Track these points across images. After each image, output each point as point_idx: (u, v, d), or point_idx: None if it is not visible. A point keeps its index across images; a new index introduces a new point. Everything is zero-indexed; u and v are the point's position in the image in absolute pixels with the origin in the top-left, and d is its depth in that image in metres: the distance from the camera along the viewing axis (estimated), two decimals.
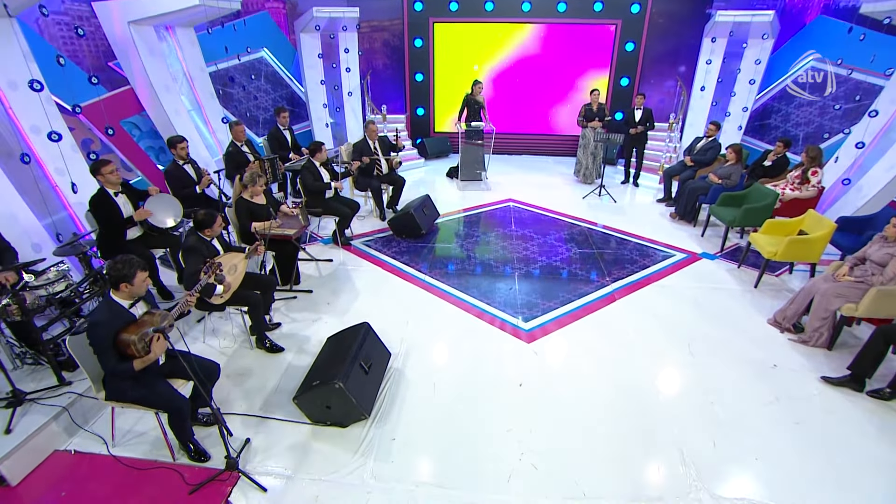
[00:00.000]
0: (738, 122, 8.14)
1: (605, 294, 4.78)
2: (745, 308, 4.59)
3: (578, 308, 4.54)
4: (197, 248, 3.61)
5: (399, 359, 3.88)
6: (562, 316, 4.41)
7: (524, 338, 4.11)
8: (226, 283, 3.57)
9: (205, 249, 3.65)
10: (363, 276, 5.19)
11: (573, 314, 4.45)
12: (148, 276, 2.70)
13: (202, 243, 3.66)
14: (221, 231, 3.92)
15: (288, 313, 4.56)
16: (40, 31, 5.43)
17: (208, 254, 3.65)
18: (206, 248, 3.68)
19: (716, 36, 8.01)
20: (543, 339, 4.10)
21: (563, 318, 4.39)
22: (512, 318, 4.36)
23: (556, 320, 4.35)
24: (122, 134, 6.27)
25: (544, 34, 9.37)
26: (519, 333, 4.17)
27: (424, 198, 6.37)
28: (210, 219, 3.64)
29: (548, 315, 4.42)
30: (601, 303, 4.64)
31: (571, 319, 4.38)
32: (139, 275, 2.62)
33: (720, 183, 6.18)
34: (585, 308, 4.55)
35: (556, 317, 4.39)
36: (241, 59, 7.73)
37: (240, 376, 3.77)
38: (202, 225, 3.64)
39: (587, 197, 7.57)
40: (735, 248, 5.90)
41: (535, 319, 4.35)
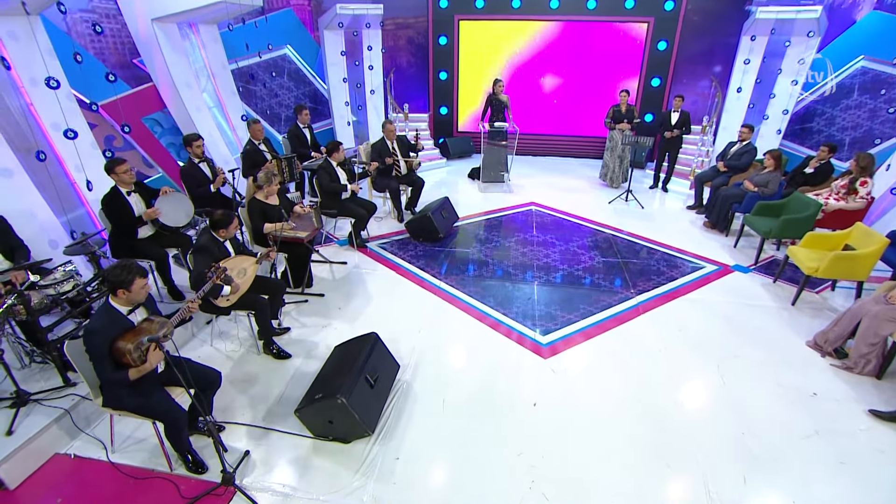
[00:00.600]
0: (778, 125, 7.69)
1: (630, 307, 4.52)
2: (782, 327, 4.27)
3: (600, 322, 4.30)
4: (207, 247, 3.53)
5: (408, 370, 3.72)
6: (582, 330, 4.18)
7: (541, 353, 3.90)
8: (234, 284, 3.48)
9: (216, 250, 3.57)
10: (377, 280, 5.05)
11: (594, 328, 4.21)
12: (147, 283, 2.60)
13: (214, 244, 3.59)
14: (235, 233, 3.85)
15: (298, 317, 4.46)
16: (67, 30, 5.48)
17: (219, 255, 3.57)
18: (217, 248, 3.60)
19: (756, 34, 7.58)
20: (561, 354, 3.88)
21: (583, 332, 4.16)
22: (529, 331, 4.14)
23: (576, 335, 4.11)
24: (142, 131, 6.29)
25: (573, 32, 9.06)
26: (536, 348, 3.95)
27: (443, 200, 6.20)
28: (227, 219, 3.57)
29: (567, 328, 4.19)
30: (624, 316, 4.38)
31: (592, 334, 4.14)
32: (137, 281, 2.52)
33: (756, 191, 5.81)
34: (607, 322, 4.30)
35: (575, 331, 4.16)
36: (263, 57, 7.69)
37: (244, 383, 3.67)
38: (217, 224, 3.56)
39: (613, 202, 7.27)
40: (771, 260, 5.54)
41: (554, 333, 4.13)
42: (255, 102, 8.30)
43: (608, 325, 4.25)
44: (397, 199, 6.41)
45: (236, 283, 3.54)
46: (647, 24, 8.62)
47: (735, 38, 8.07)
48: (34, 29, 4.38)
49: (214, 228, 3.57)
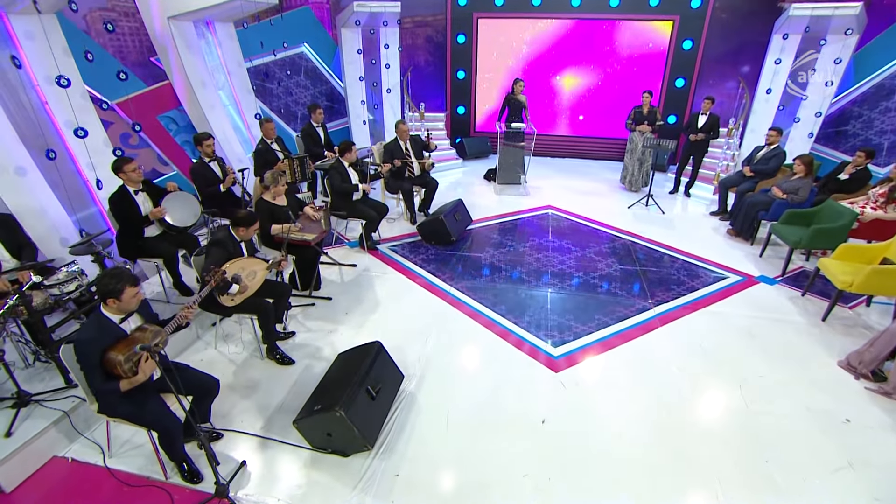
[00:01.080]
0: (809, 128, 7.33)
1: (647, 319, 4.31)
2: (811, 345, 4.01)
3: (615, 334, 4.11)
4: (223, 242, 3.49)
5: (413, 381, 3.59)
6: (595, 342, 4.00)
7: (552, 365, 3.73)
8: (242, 284, 3.42)
9: (231, 247, 3.52)
10: (386, 284, 4.94)
11: (608, 341, 4.03)
12: (140, 292, 2.53)
13: (230, 240, 3.55)
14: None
15: (304, 321, 4.38)
16: (86, 28, 5.52)
17: (233, 252, 3.52)
18: (232, 245, 3.56)
19: (788, 32, 7.23)
20: (573, 368, 3.71)
21: (596, 344, 3.97)
22: (540, 342, 3.98)
23: (589, 347, 3.94)
24: (157, 128, 6.30)
25: (595, 31, 8.81)
26: (547, 360, 3.79)
27: (457, 202, 6.06)
28: (250, 219, 3.56)
29: (580, 340, 4.01)
30: (641, 329, 4.18)
31: (606, 347, 3.95)
32: (128, 290, 2.44)
33: (785, 198, 5.52)
34: (623, 334, 4.11)
35: (588, 343, 3.98)
36: (277, 55, 7.65)
37: (246, 389, 3.60)
38: (239, 222, 3.53)
39: (633, 207, 7.03)
40: (799, 271, 5.25)
41: (566, 345, 3.95)
42: (271, 100, 8.29)
43: (624, 338, 4.06)
44: (410, 201, 6.29)
45: (245, 283, 3.47)
46: (672, 23, 8.32)
47: (765, 37, 7.72)
48: (49, 28, 4.39)
49: (234, 226, 3.53)
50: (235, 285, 3.34)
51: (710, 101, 6.94)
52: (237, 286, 3.36)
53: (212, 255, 3.43)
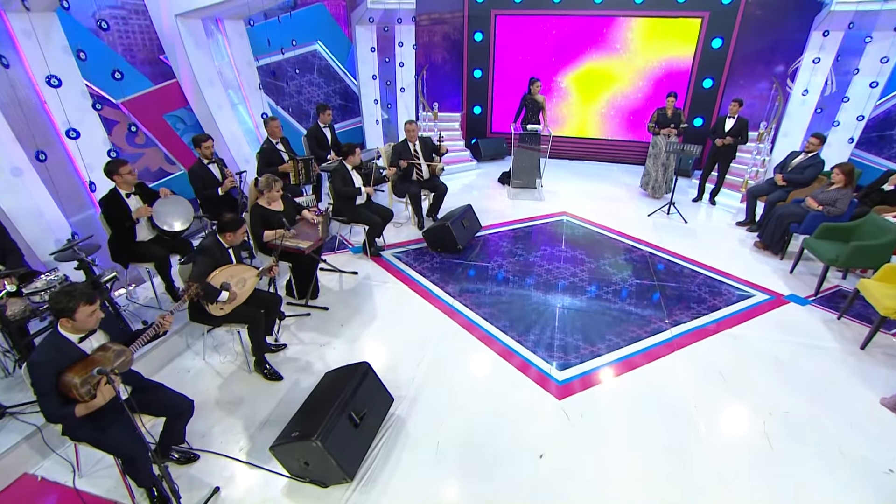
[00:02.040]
0: (850, 132, 6.80)
1: (662, 341, 3.98)
2: (848, 377, 3.62)
3: (626, 358, 3.79)
4: (210, 250, 3.33)
5: (404, 404, 3.36)
6: (604, 366, 3.69)
7: (555, 391, 3.44)
8: (231, 293, 3.26)
9: (218, 254, 3.36)
10: (386, 294, 4.72)
11: (619, 365, 3.71)
12: (96, 310, 2.35)
13: (217, 248, 3.39)
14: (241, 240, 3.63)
15: (297, 332, 4.19)
16: (96, 27, 5.47)
17: (221, 260, 3.36)
18: (220, 253, 3.40)
19: (829, 29, 6.72)
20: (578, 396, 3.42)
21: (605, 368, 3.67)
22: (545, 365, 3.69)
23: (597, 371, 3.63)
24: (164, 127, 6.22)
25: (618, 29, 8.40)
26: (550, 385, 3.51)
27: (466, 208, 5.80)
28: (235, 223, 3.39)
29: (588, 364, 3.71)
30: (656, 352, 3.85)
31: (615, 372, 3.64)
32: (82, 309, 2.27)
33: (821, 210, 5.08)
34: (635, 358, 3.79)
35: (597, 367, 3.68)
36: (286, 53, 7.49)
37: (230, 405, 3.43)
38: (225, 227, 3.37)
39: (653, 215, 6.64)
40: (835, 290, 4.82)
41: (572, 368, 3.66)
42: (284, 99, 8.16)
43: (635, 363, 3.74)
44: (418, 206, 6.06)
45: (234, 291, 3.31)
46: (701, 20, 7.86)
47: (803, 34, 7.20)
48: (47, 26, 4.30)
49: (220, 231, 3.37)
50: (225, 293, 3.18)
51: (738, 103, 6.49)
52: (227, 294, 3.19)
53: (198, 263, 3.27)
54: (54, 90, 4.26)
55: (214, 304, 3.24)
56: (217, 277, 3.22)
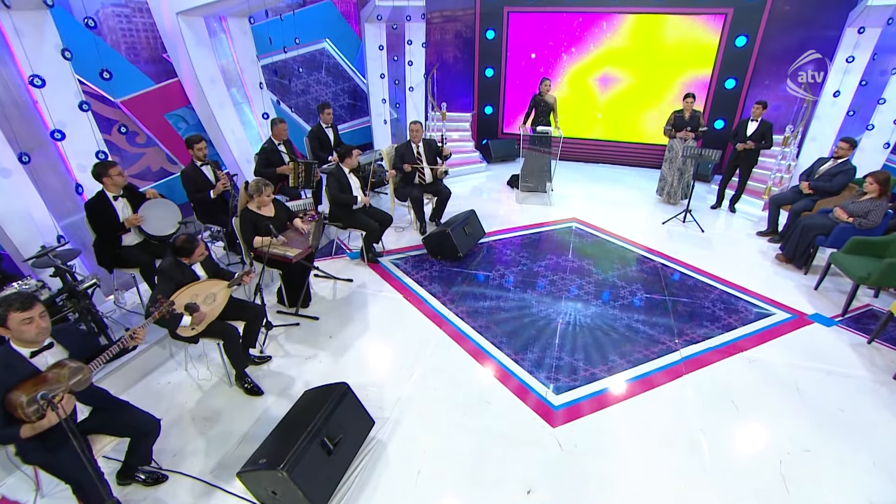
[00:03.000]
0: (886, 137, 6.32)
1: (670, 364, 3.68)
2: (878, 410, 3.28)
3: (631, 381, 3.51)
4: (169, 272, 3.15)
5: (387, 427, 3.15)
6: (604, 391, 3.42)
7: (550, 418, 3.19)
8: (198, 314, 3.09)
9: (179, 275, 3.18)
10: (380, 305, 4.52)
11: (622, 389, 3.43)
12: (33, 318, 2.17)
13: (177, 268, 3.20)
14: (207, 255, 3.47)
15: (284, 344, 4.02)
16: (98, 26, 5.41)
17: (183, 279, 3.18)
18: (181, 273, 3.21)
19: (865, 25, 6.25)
20: (574, 424, 3.16)
21: (606, 394, 3.40)
22: (541, 388, 3.44)
23: (596, 397, 3.36)
24: (164, 127, 6.13)
25: (635, 26, 8.04)
26: (545, 410, 3.25)
27: (469, 213, 5.56)
28: (189, 246, 3.17)
29: (588, 387, 3.44)
30: (662, 376, 3.56)
31: (618, 397, 3.37)
32: (12, 316, 2.11)
33: (851, 222, 4.69)
34: (640, 382, 3.50)
35: (596, 391, 3.41)
36: (288, 52, 7.34)
37: (206, 421, 3.27)
38: (179, 252, 3.17)
39: (668, 222, 6.29)
40: (865, 310, 4.44)
41: (570, 392, 3.40)
42: (289, 98, 8.04)
43: (639, 388, 3.45)
44: (420, 210, 5.84)
45: (202, 311, 3.14)
46: (724, 16, 7.45)
47: (836, 32, 6.75)
48: (38, 25, 4.20)
49: (176, 254, 3.18)
50: (188, 317, 3.00)
51: (761, 105, 6.09)
52: (189, 318, 3.02)
53: (159, 288, 3.10)
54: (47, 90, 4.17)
55: (182, 329, 3.07)
56: (180, 298, 3.04)
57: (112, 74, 4.62)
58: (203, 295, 3.20)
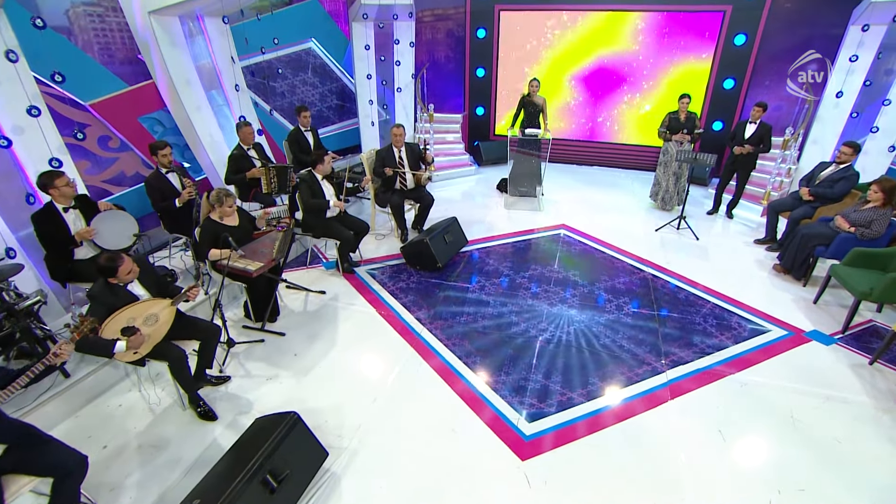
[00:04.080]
0: (891, 140, 6.03)
1: (656, 387, 3.43)
2: (880, 442, 3.01)
3: (610, 408, 3.25)
4: (100, 297, 2.91)
5: (343, 458, 2.91)
6: (582, 419, 3.16)
7: (519, 449, 2.94)
8: (135, 337, 2.85)
9: (111, 297, 2.94)
10: (351, 319, 4.29)
11: (599, 417, 3.18)
12: None
13: (108, 291, 2.95)
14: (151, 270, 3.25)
15: (245, 362, 3.79)
16: (69, 25, 5.24)
17: (117, 302, 2.95)
18: (114, 295, 2.96)
19: (869, 23, 5.96)
20: (545, 456, 2.91)
21: (583, 421, 3.14)
22: (512, 414, 3.19)
23: (573, 425, 3.11)
24: (138, 131, 5.93)
25: (630, 24, 7.76)
26: (514, 441, 3.00)
27: (450, 221, 5.32)
28: (111, 265, 2.90)
29: (563, 414, 3.19)
30: (645, 402, 3.30)
31: (596, 426, 3.12)
32: None
33: (852, 231, 4.42)
34: (620, 409, 3.25)
35: (573, 419, 3.16)
36: (266, 53, 7.12)
37: (152, 449, 3.05)
38: (103, 273, 2.92)
39: (661, 229, 6.02)
40: (867, 327, 4.17)
41: (544, 420, 3.15)
42: (274, 99, 7.82)
43: (620, 415, 3.20)
44: (400, 217, 5.60)
45: (142, 334, 2.90)
46: (722, 14, 7.16)
47: (839, 30, 6.45)
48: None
49: (102, 275, 2.94)
50: (121, 342, 2.77)
51: (761, 107, 5.81)
52: (124, 343, 2.78)
53: (89, 314, 2.85)
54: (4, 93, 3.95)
55: (120, 354, 2.84)
56: (115, 322, 2.82)
57: (65, 77, 4.40)
58: (142, 316, 2.97)
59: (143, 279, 3.19)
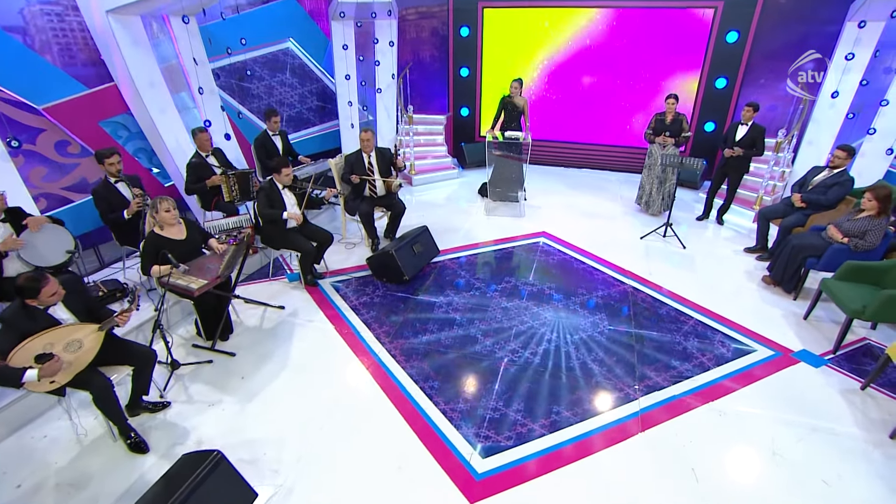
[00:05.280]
0: (888, 142, 5.72)
1: (626, 417, 3.15)
2: (870, 482, 2.72)
3: (575, 440, 2.98)
4: (12, 320, 2.66)
5: (276, 498, 2.65)
6: (542, 454, 2.89)
7: (469, 490, 2.67)
8: (49, 364, 2.59)
9: (26, 322, 2.68)
10: (307, 338, 4.02)
11: (561, 451, 2.90)
12: None
13: (22, 315, 2.69)
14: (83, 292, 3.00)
15: (190, 386, 3.53)
16: (24, 24, 5.00)
17: (34, 326, 2.69)
18: (30, 319, 2.70)
19: (867, 19, 5.66)
20: (498, 498, 2.63)
21: (543, 457, 2.87)
22: (466, 448, 2.92)
23: (531, 461, 2.84)
24: (100, 136, 5.67)
25: (618, 21, 7.46)
26: (465, 480, 2.73)
27: (421, 230, 5.05)
28: (34, 286, 2.65)
29: (521, 448, 2.92)
30: (615, 433, 3.02)
31: (556, 462, 2.84)
32: None
33: (845, 242, 4.12)
34: (584, 442, 2.97)
35: (532, 454, 2.88)
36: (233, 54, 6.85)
37: (71, 487, 2.79)
38: (21, 293, 2.67)
39: (647, 237, 5.72)
40: (860, 346, 3.88)
41: (500, 454, 2.87)
42: (250, 101, 7.56)
43: (585, 449, 2.92)
44: (370, 226, 5.33)
45: (60, 361, 2.64)
46: (713, 10, 6.86)
47: (835, 27, 6.14)
48: None
49: (21, 297, 2.69)
50: (31, 371, 2.51)
51: (752, 108, 5.51)
52: (35, 371, 2.52)
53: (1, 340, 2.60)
54: None
55: (33, 384, 2.58)
56: (27, 349, 2.56)
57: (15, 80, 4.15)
58: (62, 342, 2.72)
59: (69, 302, 2.93)
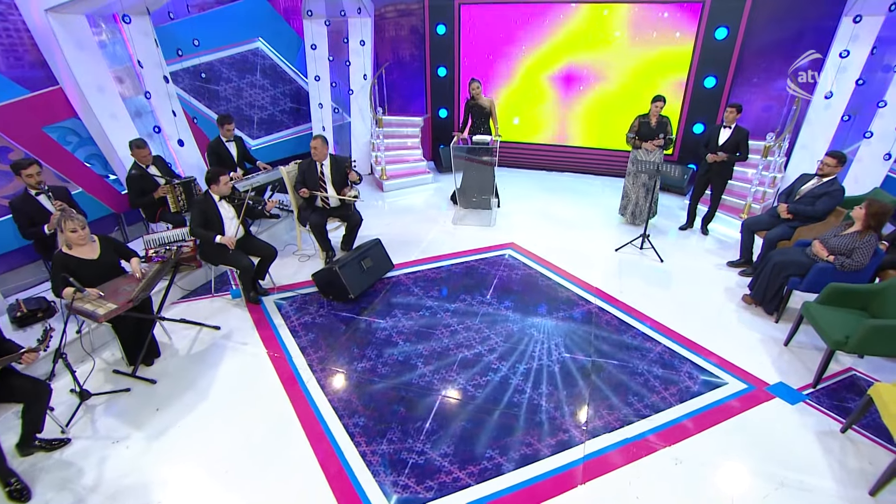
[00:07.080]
0: (886, 147, 5.27)
1: (568, 465, 2.78)
2: None
3: (503, 493, 2.61)
4: None
5: None
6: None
7: None
8: None
9: None
10: (236, 364, 3.69)
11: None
12: None
13: None
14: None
15: (99, 418, 3.22)
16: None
17: None
18: None
19: (862, 14, 5.22)
20: None
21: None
22: (378, 500, 2.57)
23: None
24: (44, 142, 5.38)
25: (603, 17, 7.05)
26: None
27: (372, 244, 4.71)
28: None
29: (442, 502, 2.56)
30: (551, 485, 2.66)
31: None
32: None
33: (830, 260, 3.71)
34: (517, 495, 2.61)
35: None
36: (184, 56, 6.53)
37: None
38: None
39: (622, 249, 5.33)
40: (844, 378, 3.47)
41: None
42: (217, 104, 7.26)
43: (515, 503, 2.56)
44: (322, 238, 4.99)
45: None
46: (700, 6, 6.43)
47: (831, 22, 5.70)
48: None
49: None
50: None
51: (735, 109, 5.08)
52: None
53: None
54: None
55: None
56: None
57: None
58: None
59: None
